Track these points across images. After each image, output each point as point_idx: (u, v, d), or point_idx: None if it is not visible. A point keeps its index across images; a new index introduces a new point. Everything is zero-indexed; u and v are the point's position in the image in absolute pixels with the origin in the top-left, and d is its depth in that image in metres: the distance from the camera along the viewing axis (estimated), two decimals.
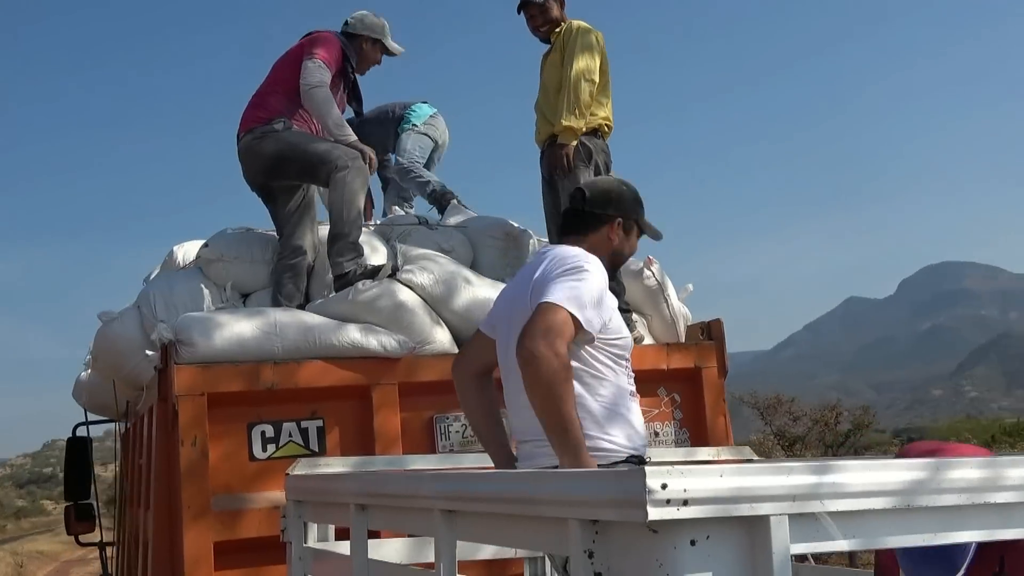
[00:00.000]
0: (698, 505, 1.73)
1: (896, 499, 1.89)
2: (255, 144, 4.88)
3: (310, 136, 4.91)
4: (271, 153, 4.85)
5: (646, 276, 5.01)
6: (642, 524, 1.77)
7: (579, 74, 4.86)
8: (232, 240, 5.00)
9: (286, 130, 4.87)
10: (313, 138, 4.90)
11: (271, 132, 4.86)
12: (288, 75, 4.91)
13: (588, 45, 4.96)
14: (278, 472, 4.17)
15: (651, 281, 5.01)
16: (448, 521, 2.50)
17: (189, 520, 3.96)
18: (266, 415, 4.20)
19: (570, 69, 4.88)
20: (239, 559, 4.03)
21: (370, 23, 5.21)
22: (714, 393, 4.73)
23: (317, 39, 4.99)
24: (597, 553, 1.90)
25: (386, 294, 4.46)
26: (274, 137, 4.85)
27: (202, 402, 4.06)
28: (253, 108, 4.95)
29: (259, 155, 4.88)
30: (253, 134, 4.90)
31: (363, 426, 4.29)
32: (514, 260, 5.20)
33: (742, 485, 1.78)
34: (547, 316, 2.69)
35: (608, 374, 2.93)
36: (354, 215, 4.70)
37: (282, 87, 4.92)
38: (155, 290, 4.82)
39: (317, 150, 4.79)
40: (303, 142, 4.85)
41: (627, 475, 1.76)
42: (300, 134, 4.89)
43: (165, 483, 4.14)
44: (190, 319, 4.23)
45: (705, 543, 1.77)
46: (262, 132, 4.87)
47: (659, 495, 1.70)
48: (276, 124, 4.86)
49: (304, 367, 4.24)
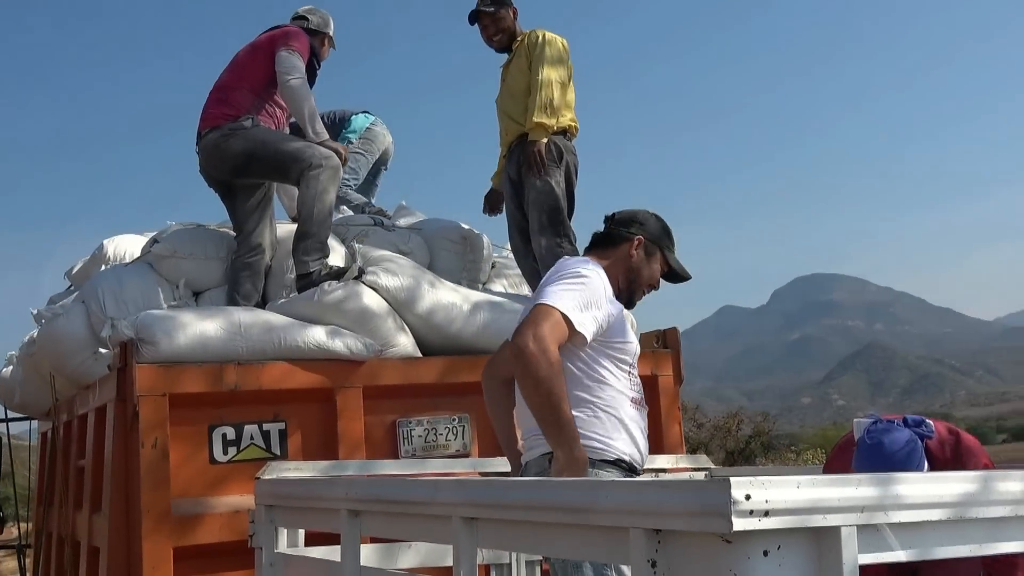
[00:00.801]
0: (778, 516, 1.75)
1: (951, 511, 1.95)
2: (222, 142, 4.75)
3: (281, 134, 4.82)
4: (241, 151, 4.72)
5: None
6: (716, 535, 1.79)
7: (551, 74, 4.91)
8: (185, 236, 4.85)
9: (255, 127, 4.75)
10: (284, 136, 4.81)
11: (240, 129, 4.73)
12: (255, 70, 4.79)
13: (557, 52, 5.01)
14: (239, 476, 4.08)
15: None
16: (469, 528, 2.47)
17: (149, 525, 3.83)
18: (228, 417, 4.09)
19: (540, 71, 4.91)
20: (199, 565, 3.91)
21: (324, 19, 5.14)
22: (669, 400, 4.79)
23: (289, 32, 4.89)
24: (660, 563, 1.91)
25: (352, 296, 4.39)
26: (243, 135, 4.72)
27: (163, 403, 3.93)
28: (218, 104, 4.81)
29: (227, 153, 4.75)
30: (220, 131, 4.76)
31: (326, 430, 4.21)
32: (470, 264, 5.19)
33: (817, 496, 1.81)
34: (539, 315, 2.77)
35: (608, 378, 2.96)
36: (324, 215, 4.62)
37: (248, 83, 4.80)
38: (103, 285, 4.64)
39: (289, 148, 4.69)
40: (275, 140, 4.75)
41: (708, 486, 1.78)
42: (270, 132, 4.79)
43: (122, 486, 3.99)
44: (152, 317, 4.09)
45: (776, 553, 1.79)
46: (230, 129, 4.73)
47: (743, 506, 1.72)
48: (245, 121, 4.74)
49: (268, 368, 4.15)
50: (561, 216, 4.87)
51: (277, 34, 4.88)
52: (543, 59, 4.92)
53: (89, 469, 4.47)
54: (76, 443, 4.93)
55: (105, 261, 5.93)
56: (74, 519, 4.83)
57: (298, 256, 4.59)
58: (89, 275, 6.09)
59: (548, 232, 4.83)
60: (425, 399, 4.43)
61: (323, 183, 4.62)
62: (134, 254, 5.96)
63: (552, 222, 4.84)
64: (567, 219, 4.92)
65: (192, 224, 5.06)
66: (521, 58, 5.02)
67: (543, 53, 4.94)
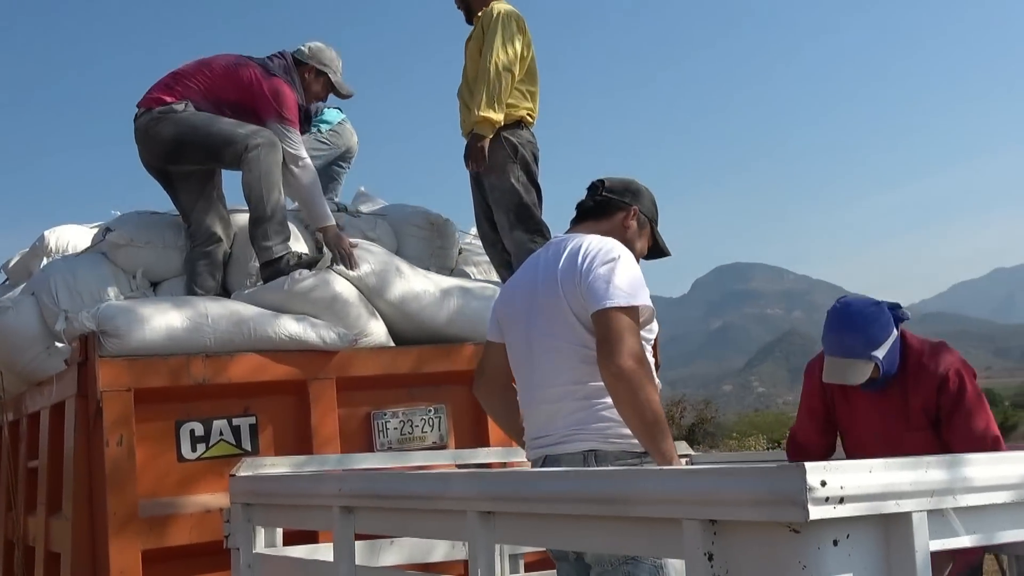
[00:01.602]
0: (852, 503, 1.66)
1: (1016, 493, 1.88)
2: (152, 126, 4.49)
3: (213, 117, 4.51)
4: (170, 137, 4.46)
5: None
6: (783, 524, 1.70)
7: (497, 63, 4.59)
8: (142, 224, 4.61)
9: (186, 112, 4.48)
10: (216, 119, 4.50)
11: (170, 113, 4.46)
12: (224, 87, 4.53)
13: (509, 32, 4.68)
14: (208, 474, 3.90)
15: None
16: (486, 523, 2.35)
17: (115, 528, 3.63)
18: (195, 412, 3.90)
19: (488, 58, 4.60)
20: (169, 568, 3.73)
21: (318, 54, 4.81)
22: None
23: (279, 93, 4.56)
24: (717, 556, 1.80)
25: (322, 284, 4.20)
26: (173, 119, 4.46)
27: (128, 398, 3.73)
28: (163, 88, 4.54)
29: (156, 139, 4.49)
30: (151, 115, 4.50)
31: (298, 423, 4.04)
32: (438, 250, 5.03)
33: (890, 482, 1.72)
34: (616, 324, 2.54)
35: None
36: (275, 195, 4.40)
37: (209, 90, 4.52)
38: (55, 276, 4.39)
39: (222, 131, 4.44)
40: (206, 124, 4.47)
41: (779, 472, 1.68)
42: (202, 115, 4.50)
43: (85, 487, 3.76)
44: (115, 308, 3.87)
45: (846, 542, 1.70)
46: (160, 113, 4.47)
47: (819, 493, 1.62)
48: (177, 106, 4.48)
49: (237, 361, 3.96)
50: (529, 211, 4.67)
51: (270, 91, 4.55)
52: (492, 44, 4.60)
53: (44, 470, 4.23)
54: (27, 442, 4.67)
55: (47, 253, 5.65)
56: (25, 523, 4.58)
57: (258, 243, 4.38)
58: (29, 268, 5.81)
59: (519, 229, 4.63)
60: (400, 390, 4.28)
61: (265, 162, 4.39)
62: (77, 245, 5.69)
63: (520, 219, 4.64)
64: (536, 212, 4.70)
65: (147, 212, 4.82)
66: (475, 40, 4.77)
67: (493, 36, 4.62)
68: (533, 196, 4.73)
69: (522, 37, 4.75)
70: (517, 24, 4.75)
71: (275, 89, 4.54)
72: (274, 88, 4.54)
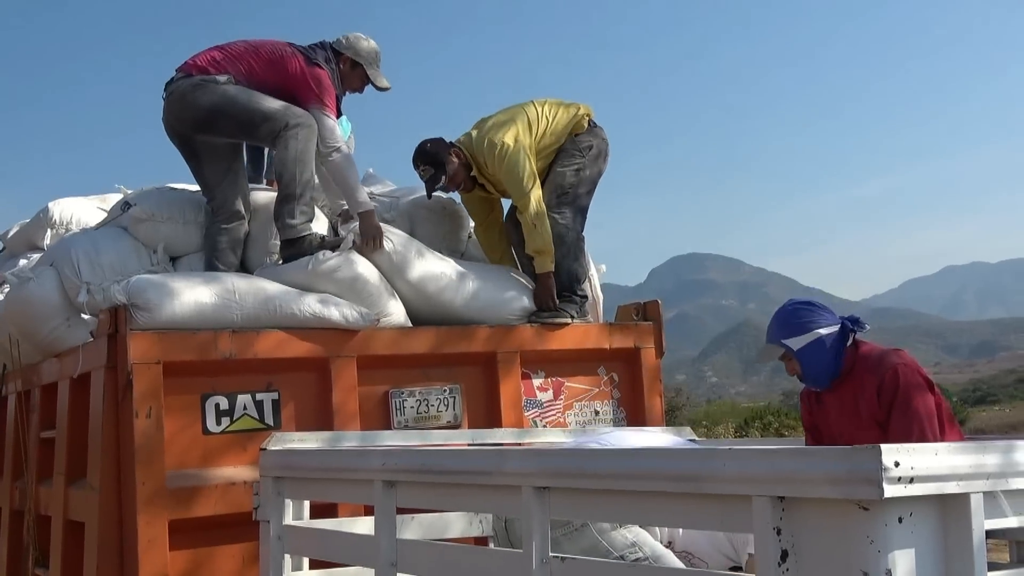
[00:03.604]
0: (921, 483, 1.78)
1: None
2: (189, 92, 4.50)
3: (253, 91, 4.54)
4: (207, 105, 4.48)
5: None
6: (852, 502, 1.82)
7: (524, 187, 4.73)
8: (163, 200, 4.66)
9: (227, 84, 4.51)
10: (255, 94, 4.54)
11: (211, 83, 4.49)
12: (269, 70, 4.58)
13: (517, 151, 4.76)
14: (232, 447, 3.98)
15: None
16: (541, 498, 2.45)
17: (143, 499, 3.70)
18: (221, 387, 3.97)
19: (515, 191, 4.76)
20: (194, 538, 3.81)
21: (356, 46, 4.84)
22: (651, 374, 4.82)
23: (321, 82, 4.61)
24: (784, 531, 1.92)
25: (345, 264, 4.29)
26: (212, 89, 4.48)
27: (157, 371, 3.79)
28: (208, 59, 4.56)
29: (191, 105, 4.51)
30: (191, 81, 4.51)
31: (320, 400, 4.13)
32: (449, 233, 5.12)
33: (954, 464, 1.84)
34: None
35: None
36: (306, 175, 4.46)
37: (256, 78, 4.56)
38: (77, 249, 4.42)
39: (261, 106, 4.48)
40: (247, 97, 4.50)
41: (855, 453, 1.79)
42: (243, 90, 4.53)
43: (113, 457, 3.83)
44: (146, 281, 3.93)
45: (909, 520, 1.82)
46: (201, 80, 4.50)
47: (893, 472, 1.74)
48: (220, 77, 4.50)
49: (262, 337, 4.03)
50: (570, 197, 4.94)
51: (312, 80, 4.60)
52: (510, 179, 4.75)
53: (64, 440, 4.27)
54: (40, 413, 4.70)
55: (51, 224, 5.67)
56: (37, 492, 4.62)
57: (283, 220, 4.44)
58: (30, 239, 5.83)
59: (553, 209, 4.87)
60: (417, 370, 4.38)
61: (302, 142, 4.45)
62: (81, 218, 5.72)
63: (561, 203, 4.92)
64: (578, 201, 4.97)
65: (166, 186, 4.85)
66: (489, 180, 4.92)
67: (505, 172, 4.75)
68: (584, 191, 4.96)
69: (520, 123, 4.87)
70: (504, 139, 4.82)
71: (317, 77, 4.60)
72: (316, 76, 4.60)
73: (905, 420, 3.20)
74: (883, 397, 3.24)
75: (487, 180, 4.91)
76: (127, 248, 4.49)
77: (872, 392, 3.27)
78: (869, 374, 3.29)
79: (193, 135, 4.63)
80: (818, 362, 3.32)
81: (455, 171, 4.84)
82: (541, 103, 4.97)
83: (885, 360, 3.28)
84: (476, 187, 4.97)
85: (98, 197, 6.09)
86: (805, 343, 3.31)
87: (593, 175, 4.97)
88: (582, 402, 4.71)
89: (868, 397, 3.29)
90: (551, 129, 4.89)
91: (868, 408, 3.28)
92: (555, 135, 4.90)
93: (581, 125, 4.98)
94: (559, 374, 4.71)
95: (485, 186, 4.96)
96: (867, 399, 3.29)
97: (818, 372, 3.33)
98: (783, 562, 1.89)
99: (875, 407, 3.26)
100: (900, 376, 3.24)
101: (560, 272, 4.82)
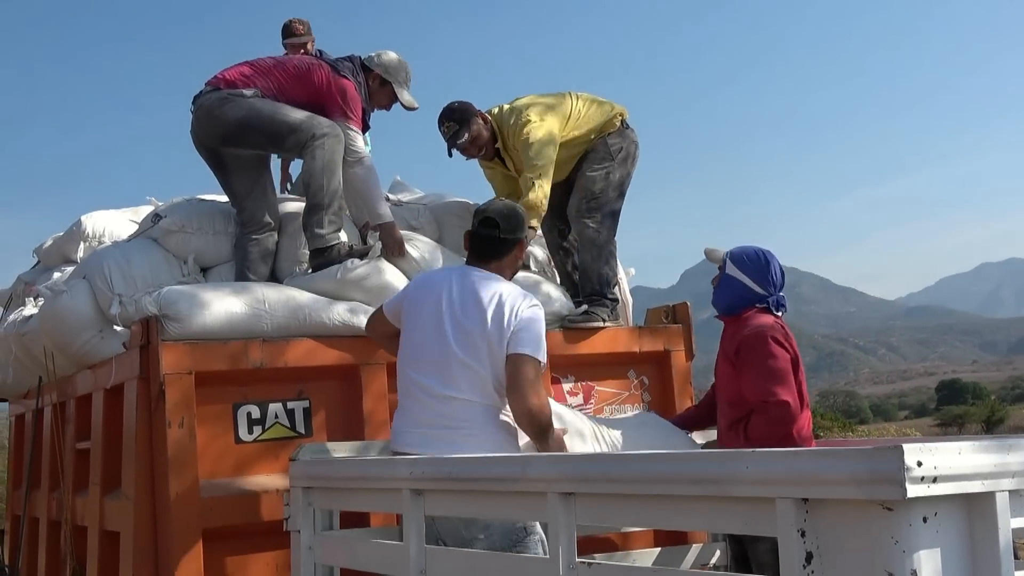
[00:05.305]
0: (945, 483, 1.77)
1: None
2: (217, 106, 4.56)
3: (279, 104, 4.60)
4: (235, 119, 4.53)
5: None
6: (876, 502, 1.81)
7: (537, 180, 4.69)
8: (193, 211, 4.71)
9: (254, 98, 4.57)
10: (282, 106, 4.59)
11: (237, 96, 4.54)
12: (297, 85, 4.64)
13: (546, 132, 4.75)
14: (264, 455, 4.01)
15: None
16: (566, 503, 2.46)
17: (178, 508, 3.74)
18: (252, 395, 4.01)
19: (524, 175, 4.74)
20: (228, 547, 3.84)
21: (386, 63, 4.88)
22: (682, 376, 4.81)
23: (347, 93, 4.65)
24: (809, 532, 1.92)
25: (374, 272, 4.33)
26: (239, 103, 4.54)
27: (189, 381, 3.83)
28: (237, 73, 4.61)
29: (219, 119, 4.56)
30: (219, 95, 4.57)
31: (350, 407, 4.15)
32: None
33: (978, 463, 1.83)
34: (529, 371, 3.34)
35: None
36: (334, 185, 4.49)
37: (284, 93, 4.62)
38: (109, 261, 4.48)
39: (287, 118, 4.52)
40: (273, 110, 4.55)
41: (877, 453, 1.79)
42: (269, 102, 4.59)
43: (147, 467, 3.87)
44: (176, 293, 3.98)
45: (934, 520, 1.82)
46: (228, 95, 4.55)
47: (915, 472, 1.73)
48: (247, 91, 4.56)
49: (292, 346, 4.07)
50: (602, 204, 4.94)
51: (337, 91, 4.64)
52: (524, 150, 4.73)
53: (99, 450, 4.33)
54: (75, 424, 4.78)
55: (84, 237, 5.75)
56: (73, 502, 4.69)
57: (312, 230, 4.47)
58: (64, 252, 5.91)
59: (585, 216, 4.90)
60: None
61: (329, 152, 4.49)
62: (114, 231, 5.80)
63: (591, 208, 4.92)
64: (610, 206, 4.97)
65: (195, 198, 4.91)
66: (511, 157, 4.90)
67: (522, 144, 4.74)
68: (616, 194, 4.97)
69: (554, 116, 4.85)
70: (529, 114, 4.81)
71: (342, 88, 4.64)
72: (342, 87, 4.64)
73: (752, 384, 3.62)
74: (739, 358, 3.70)
75: (509, 156, 4.90)
76: (158, 260, 4.54)
77: (731, 351, 3.75)
78: (735, 335, 3.76)
79: (221, 148, 4.69)
80: (726, 292, 3.83)
81: (478, 132, 4.82)
82: (577, 95, 4.98)
83: (748, 327, 3.71)
84: (498, 161, 4.97)
85: (130, 210, 6.17)
86: (733, 275, 3.79)
87: (622, 178, 4.96)
88: (612, 406, 4.70)
89: (729, 353, 3.78)
90: (581, 122, 4.90)
91: (730, 361, 3.76)
92: (583, 129, 4.90)
93: (612, 124, 4.97)
94: (589, 378, 4.70)
95: (506, 162, 4.95)
96: (728, 354, 3.77)
97: (718, 298, 3.86)
98: (808, 564, 1.90)
99: (733, 364, 3.74)
100: (754, 344, 3.67)
101: (591, 275, 4.84)
